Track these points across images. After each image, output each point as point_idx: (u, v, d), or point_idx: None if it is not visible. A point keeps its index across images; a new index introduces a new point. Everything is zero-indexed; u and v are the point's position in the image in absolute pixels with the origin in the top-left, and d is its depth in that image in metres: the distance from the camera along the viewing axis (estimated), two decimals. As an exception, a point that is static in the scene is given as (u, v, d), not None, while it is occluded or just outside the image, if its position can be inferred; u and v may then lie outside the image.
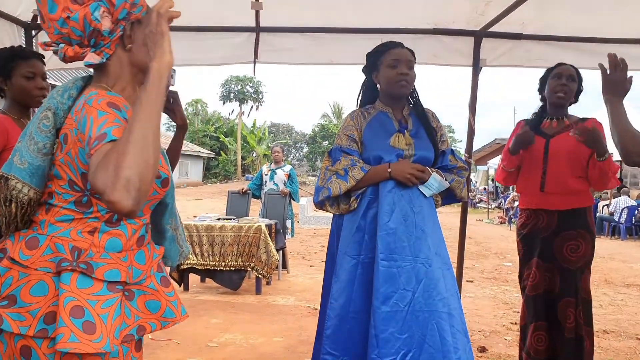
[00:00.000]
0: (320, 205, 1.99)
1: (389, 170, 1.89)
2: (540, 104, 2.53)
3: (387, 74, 1.96)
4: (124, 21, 1.02)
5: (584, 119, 2.39)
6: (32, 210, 1.03)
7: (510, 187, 22.32)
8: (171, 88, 2.02)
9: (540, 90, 2.50)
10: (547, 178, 2.34)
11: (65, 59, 1.02)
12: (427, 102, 2.11)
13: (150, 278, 1.10)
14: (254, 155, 33.04)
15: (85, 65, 1.02)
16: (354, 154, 1.97)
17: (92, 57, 1.01)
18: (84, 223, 1.00)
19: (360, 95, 2.14)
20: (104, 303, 0.97)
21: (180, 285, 4.78)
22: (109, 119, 0.93)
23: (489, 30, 2.91)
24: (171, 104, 2.01)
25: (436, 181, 1.93)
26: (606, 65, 1.67)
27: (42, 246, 0.98)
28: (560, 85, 2.34)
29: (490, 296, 4.90)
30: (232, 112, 35.38)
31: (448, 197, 2.08)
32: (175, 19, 1.01)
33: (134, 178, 0.83)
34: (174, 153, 2.19)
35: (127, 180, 0.82)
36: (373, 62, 2.04)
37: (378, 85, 2.05)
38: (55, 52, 1.02)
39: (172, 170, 2.21)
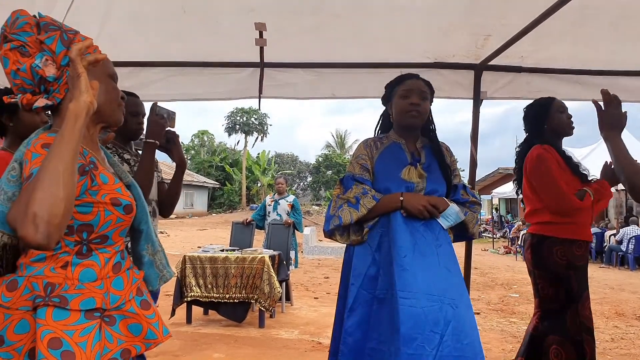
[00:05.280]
0: (330, 234, 1.92)
1: (401, 198, 1.82)
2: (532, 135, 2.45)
3: (399, 104, 1.95)
4: (69, 67, 1.08)
5: None
6: (10, 254, 1.09)
7: (516, 216, 22.16)
8: (171, 129, 2.08)
9: (542, 122, 2.39)
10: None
11: (24, 107, 1.09)
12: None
13: (129, 302, 1.15)
14: (259, 185, 33.15)
15: (35, 109, 1.08)
16: (366, 183, 1.90)
17: (41, 102, 1.08)
18: (56, 259, 1.07)
19: (379, 125, 2.12)
20: (82, 332, 1.03)
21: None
22: (40, 160, 0.99)
23: (489, 63, 2.96)
24: (169, 144, 2.07)
25: (454, 212, 1.84)
26: (600, 102, 1.69)
27: (21, 287, 1.04)
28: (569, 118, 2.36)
29: (497, 329, 4.80)
30: (237, 143, 35.84)
31: (459, 234, 1.99)
32: (99, 60, 1.05)
33: (42, 213, 0.91)
34: (174, 189, 2.23)
35: (34, 215, 0.90)
36: (388, 93, 2.04)
37: (391, 116, 2.03)
38: (15, 103, 1.09)
39: (172, 204, 2.24)
